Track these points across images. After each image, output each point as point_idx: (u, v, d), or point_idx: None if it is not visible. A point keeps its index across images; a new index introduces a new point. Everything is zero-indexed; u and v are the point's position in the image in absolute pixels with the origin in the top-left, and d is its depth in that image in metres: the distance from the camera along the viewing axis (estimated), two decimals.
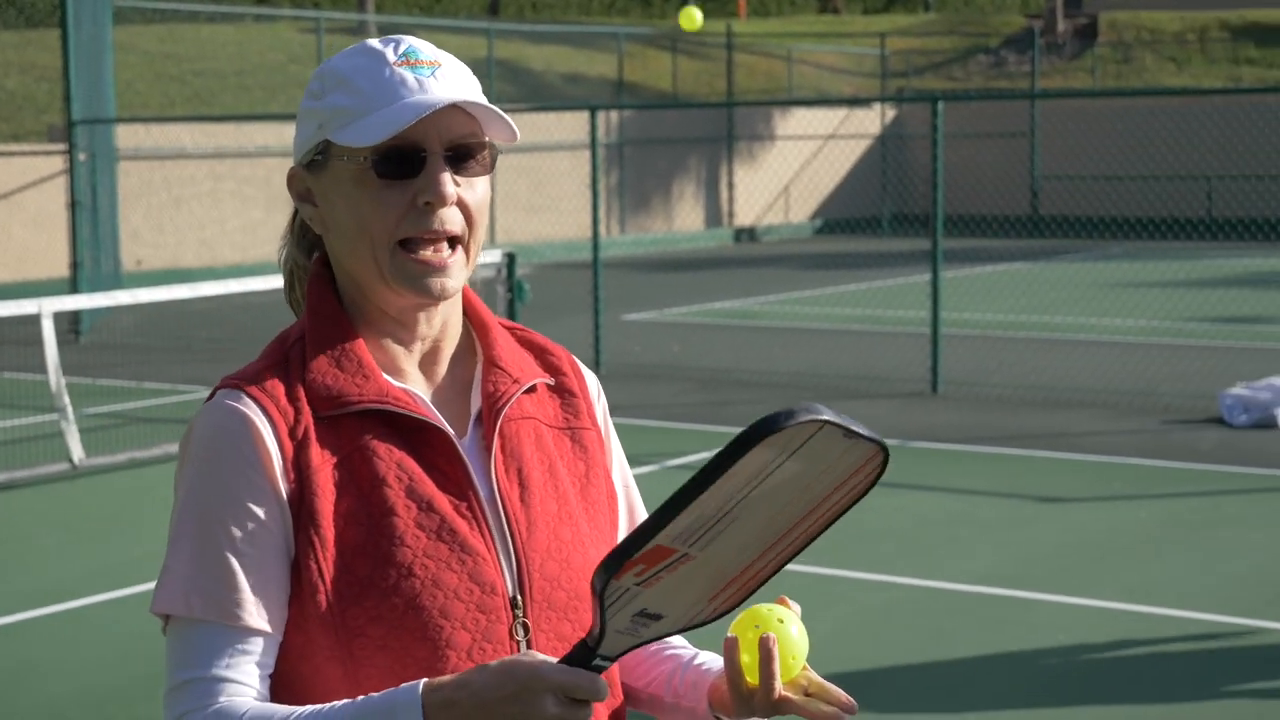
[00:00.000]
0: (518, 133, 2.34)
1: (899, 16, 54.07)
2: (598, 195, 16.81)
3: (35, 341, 11.66)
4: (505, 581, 2.26)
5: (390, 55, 2.28)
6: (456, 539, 2.22)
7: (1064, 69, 41.89)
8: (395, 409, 2.24)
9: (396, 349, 2.32)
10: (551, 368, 2.47)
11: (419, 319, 2.32)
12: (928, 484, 11.43)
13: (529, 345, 2.47)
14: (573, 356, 2.52)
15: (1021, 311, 21.21)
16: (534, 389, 2.41)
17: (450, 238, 2.26)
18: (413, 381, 2.32)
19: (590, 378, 2.52)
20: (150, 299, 13.33)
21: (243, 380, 2.24)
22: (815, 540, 2.05)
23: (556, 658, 2.18)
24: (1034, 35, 42.65)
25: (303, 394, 2.23)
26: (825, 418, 1.90)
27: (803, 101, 29.34)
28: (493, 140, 2.33)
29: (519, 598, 2.27)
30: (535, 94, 35.38)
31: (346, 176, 2.25)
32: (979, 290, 23.56)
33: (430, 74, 2.28)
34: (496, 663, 1.99)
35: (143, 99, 27.78)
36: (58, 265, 21.60)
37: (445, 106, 2.22)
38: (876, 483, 2.01)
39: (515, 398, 2.35)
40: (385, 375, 2.28)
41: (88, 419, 13.23)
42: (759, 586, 2.06)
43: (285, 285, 2.46)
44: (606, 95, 36.88)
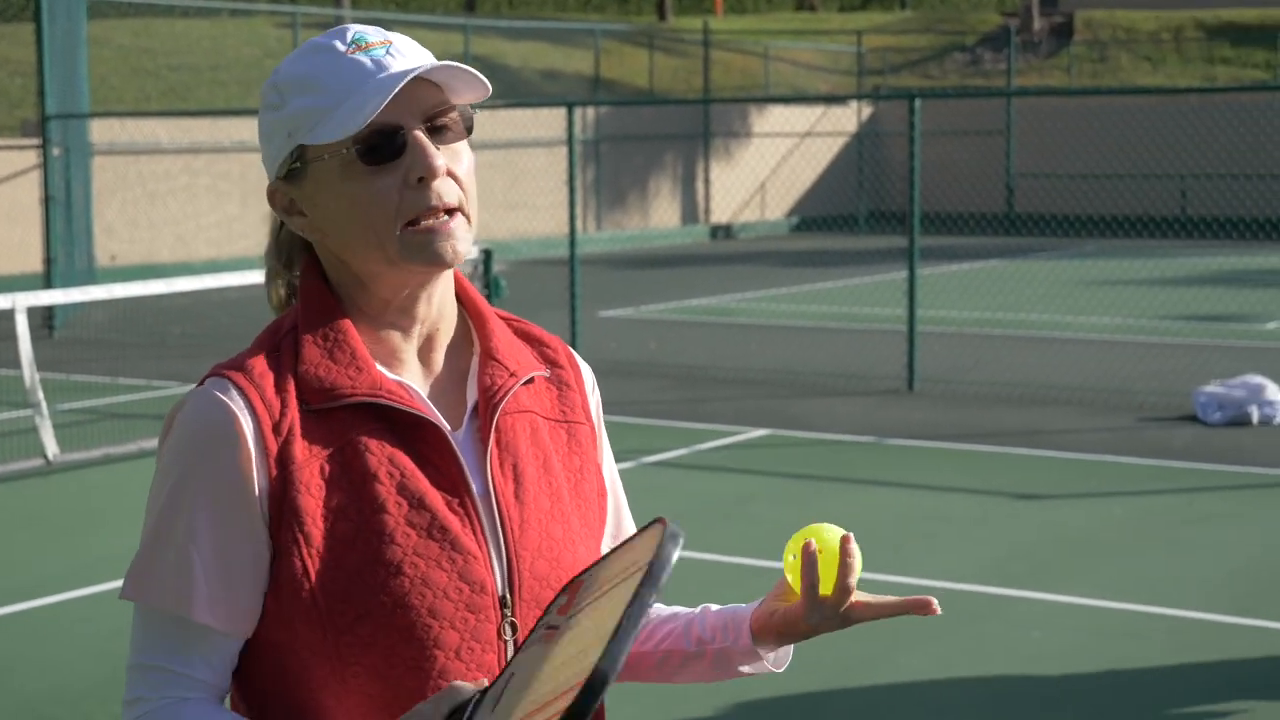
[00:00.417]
0: (489, 86, 2.33)
1: (875, 14, 54.16)
2: (574, 192, 16.83)
3: (9, 336, 11.65)
4: (495, 580, 2.25)
5: (340, 45, 2.25)
6: (447, 537, 2.21)
7: (1040, 67, 42.02)
8: (388, 403, 2.21)
9: (395, 338, 2.30)
10: (548, 359, 2.46)
11: (420, 300, 2.29)
12: (903, 481, 11.47)
13: (525, 336, 2.46)
14: (569, 348, 2.52)
15: (997, 309, 21.23)
16: (531, 381, 2.38)
17: (448, 209, 2.25)
18: (409, 373, 2.30)
19: (586, 370, 2.53)
20: (125, 294, 13.32)
21: (232, 370, 2.21)
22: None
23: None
24: (1010, 33, 42.78)
25: (293, 386, 2.21)
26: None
27: (779, 99, 29.39)
28: (463, 104, 2.32)
29: (508, 596, 2.26)
30: (512, 90, 35.37)
31: (332, 175, 2.22)
32: (955, 288, 23.63)
33: (385, 53, 2.26)
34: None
35: (117, 94, 27.76)
36: (31, 260, 21.60)
37: (412, 79, 2.19)
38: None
39: (513, 392, 2.33)
40: (380, 367, 2.25)
41: (62, 414, 13.22)
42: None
43: (270, 287, 2.42)
44: (583, 92, 36.91)
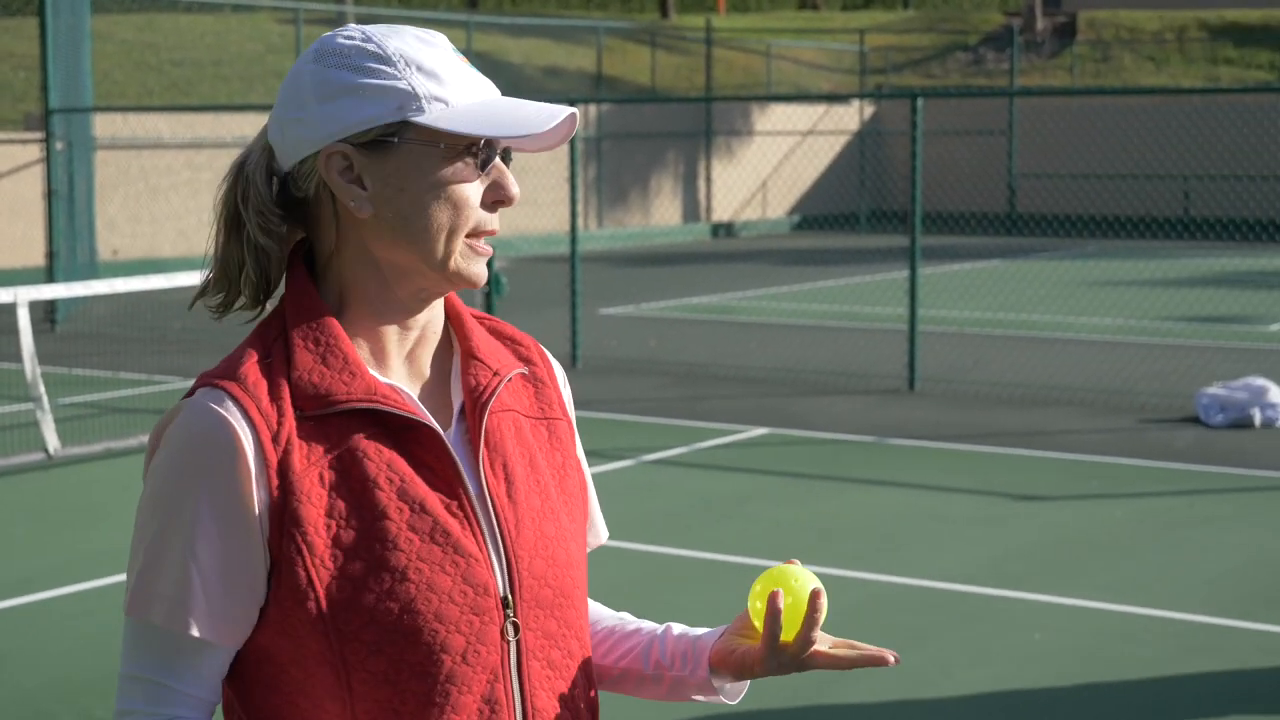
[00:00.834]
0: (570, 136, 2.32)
1: (878, 13, 54.14)
2: (575, 189, 16.86)
3: (10, 330, 11.66)
4: (497, 581, 2.24)
5: (448, 46, 2.26)
6: (450, 541, 2.20)
7: (1042, 67, 42.02)
8: (384, 408, 2.20)
9: (389, 337, 2.28)
10: (522, 357, 2.44)
11: (426, 303, 2.29)
12: (903, 481, 11.47)
13: (499, 335, 2.44)
14: (540, 345, 2.51)
15: (998, 309, 21.21)
16: (510, 379, 2.37)
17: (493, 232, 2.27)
18: (397, 375, 2.28)
19: (557, 366, 2.52)
20: (127, 289, 13.28)
21: (225, 379, 2.18)
22: None
23: (544, 654, 2.32)
24: (1013, 33, 42.75)
25: (287, 393, 2.18)
26: None
27: (781, 97, 29.41)
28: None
29: (510, 597, 2.25)
30: (514, 87, 35.25)
31: (433, 161, 2.19)
32: (956, 287, 23.60)
33: (479, 72, 2.30)
34: None
35: (120, 88, 27.77)
36: (34, 254, 21.58)
37: (554, 128, 2.23)
38: None
39: (498, 391, 2.32)
40: (371, 371, 2.23)
41: (63, 409, 13.25)
42: None
43: (246, 257, 2.27)
44: (585, 89, 36.91)
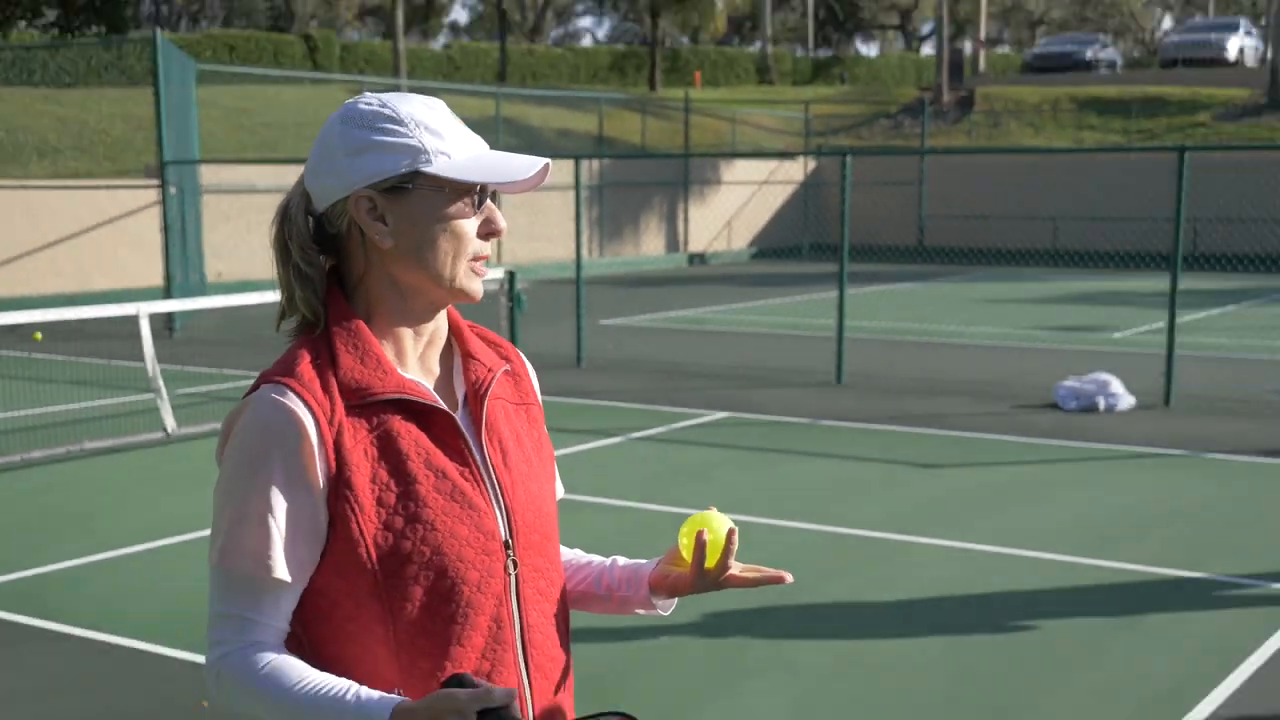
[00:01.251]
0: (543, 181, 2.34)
1: (820, 88, 54.07)
2: (580, 227, 16.84)
3: (136, 337, 11.65)
4: (500, 529, 2.30)
5: (446, 111, 2.28)
6: (465, 499, 2.26)
7: (947, 131, 42.01)
8: (412, 398, 2.24)
9: (406, 340, 2.31)
10: (503, 357, 2.47)
11: (435, 314, 2.33)
12: (832, 453, 11.53)
13: (486, 340, 2.47)
14: (514, 346, 2.54)
15: (908, 320, 21.26)
16: (500, 375, 2.43)
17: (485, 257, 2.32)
18: (414, 371, 2.33)
19: (528, 364, 2.56)
20: (228, 304, 13.39)
21: (286, 376, 2.21)
22: None
23: (534, 583, 2.41)
24: (924, 104, 42.76)
25: (335, 386, 2.20)
26: None
27: (743, 154, 29.44)
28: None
29: (510, 541, 2.31)
30: (533, 145, 35.33)
31: (439, 201, 2.22)
32: (875, 304, 23.69)
33: (472, 132, 2.31)
34: (433, 695, 2.03)
35: (221, 144, 27.74)
36: (154, 277, 21.51)
37: (530, 178, 2.27)
38: None
39: (492, 384, 2.38)
40: (399, 369, 2.29)
41: (178, 398, 13.24)
42: None
43: (296, 290, 2.29)
44: (589, 147, 36.87)
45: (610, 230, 32.99)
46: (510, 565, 2.30)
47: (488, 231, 2.27)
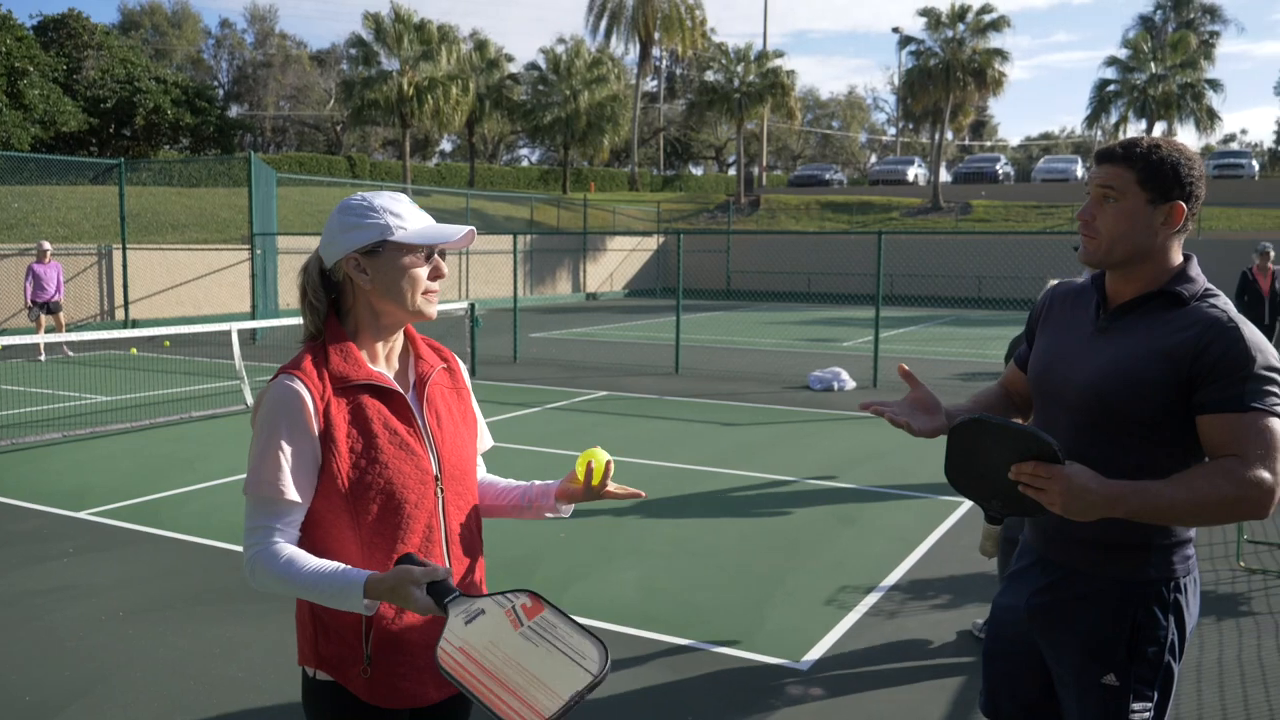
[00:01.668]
0: (471, 242, 2.31)
1: (668, 192, 54.19)
2: (517, 276, 16.65)
3: (230, 344, 11.31)
4: (433, 468, 2.24)
5: (408, 200, 2.26)
6: (409, 448, 2.22)
7: (743, 221, 42.16)
8: (376, 383, 2.21)
9: (378, 349, 2.27)
10: (443, 358, 2.42)
11: (397, 329, 2.29)
12: (671, 416, 11.38)
13: (433, 348, 2.41)
14: (450, 352, 2.47)
15: (720, 334, 21.19)
16: (439, 370, 2.37)
17: (436, 293, 2.27)
18: (382, 367, 2.28)
19: (461, 363, 2.48)
20: (293, 323, 12.97)
21: (295, 369, 2.19)
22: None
23: (455, 502, 2.31)
24: (730, 204, 42.94)
25: (327, 377, 2.19)
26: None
27: (619, 233, 29.34)
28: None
29: (439, 475, 2.25)
30: (490, 226, 35.01)
31: (398, 257, 2.20)
32: (700, 324, 23.57)
33: (426, 214, 2.28)
34: (394, 569, 2.03)
35: (290, 223, 27.19)
36: (244, 306, 21.14)
37: (465, 234, 2.25)
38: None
39: (432, 376, 2.33)
40: (369, 365, 2.24)
41: (256, 383, 12.83)
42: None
43: (306, 310, 2.28)
44: (524, 227, 36.59)
45: (536, 278, 32.72)
46: (439, 491, 2.26)
47: (434, 275, 2.26)
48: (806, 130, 79.47)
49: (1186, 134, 52.58)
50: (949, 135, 49.36)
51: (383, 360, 2.28)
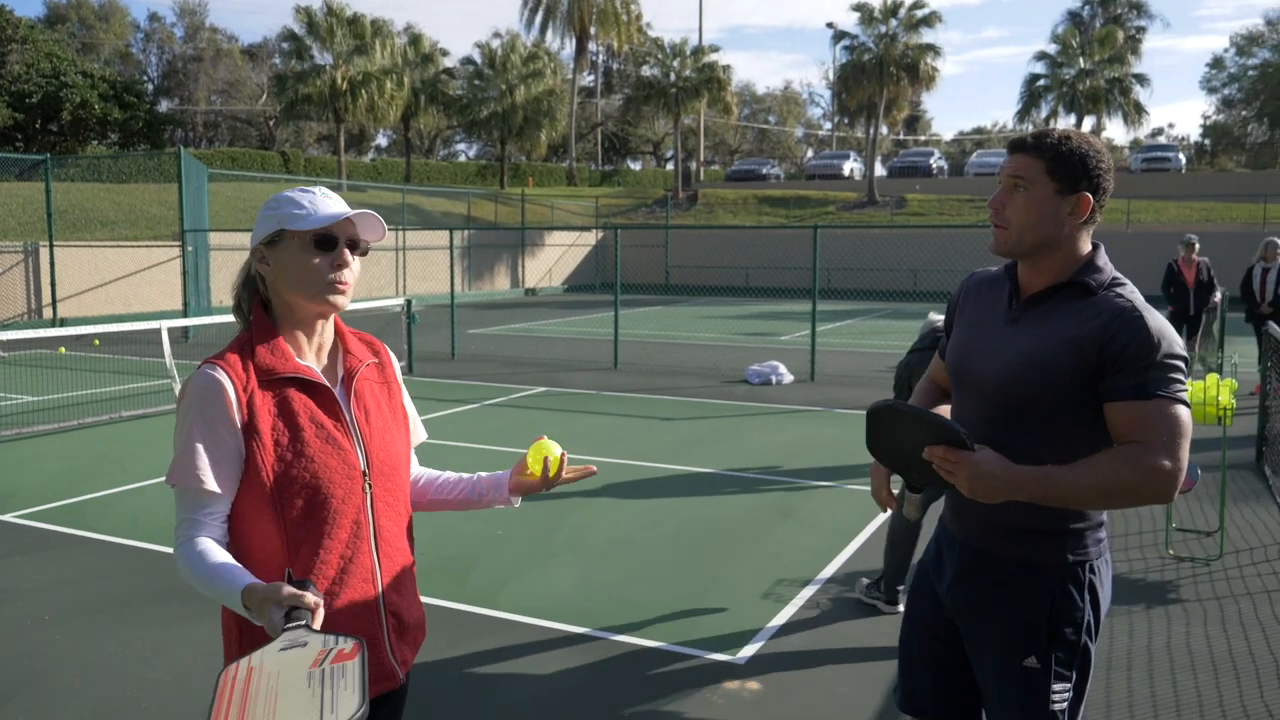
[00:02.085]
0: (385, 232, 2.28)
1: (606, 188, 54.06)
2: (454, 271, 16.53)
3: (160, 343, 11.09)
4: (360, 462, 2.21)
5: (316, 191, 2.23)
6: (336, 443, 2.19)
7: (681, 216, 42.23)
8: (303, 376, 2.19)
9: (303, 343, 2.25)
10: (374, 352, 2.38)
11: (317, 326, 2.26)
12: (610, 412, 11.36)
13: (364, 341, 2.38)
14: (384, 344, 2.44)
15: (658, 329, 21.21)
16: (368, 364, 2.34)
17: (346, 282, 2.20)
18: (310, 360, 2.25)
19: (393, 356, 2.44)
20: (225, 320, 12.71)
21: (219, 360, 2.17)
22: None
23: (384, 498, 2.31)
24: (668, 199, 43.00)
25: (252, 368, 2.16)
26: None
27: (558, 228, 29.24)
28: (367, 240, 2.26)
29: (367, 470, 2.23)
30: (427, 222, 34.71)
31: (297, 248, 2.18)
32: (638, 319, 23.58)
33: (333, 200, 2.23)
34: (271, 584, 1.99)
35: (222, 220, 26.71)
36: (176, 304, 20.73)
37: (344, 219, 2.20)
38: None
39: (360, 370, 2.30)
40: (296, 358, 2.21)
41: None
42: None
43: (234, 307, 2.31)
44: (461, 223, 36.31)
45: (474, 273, 32.50)
46: (367, 487, 2.23)
47: (336, 264, 2.19)
48: (743, 125, 79.84)
49: (1115, 128, 53.76)
50: (884, 130, 49.91)
51: (311, 354, 2.25)
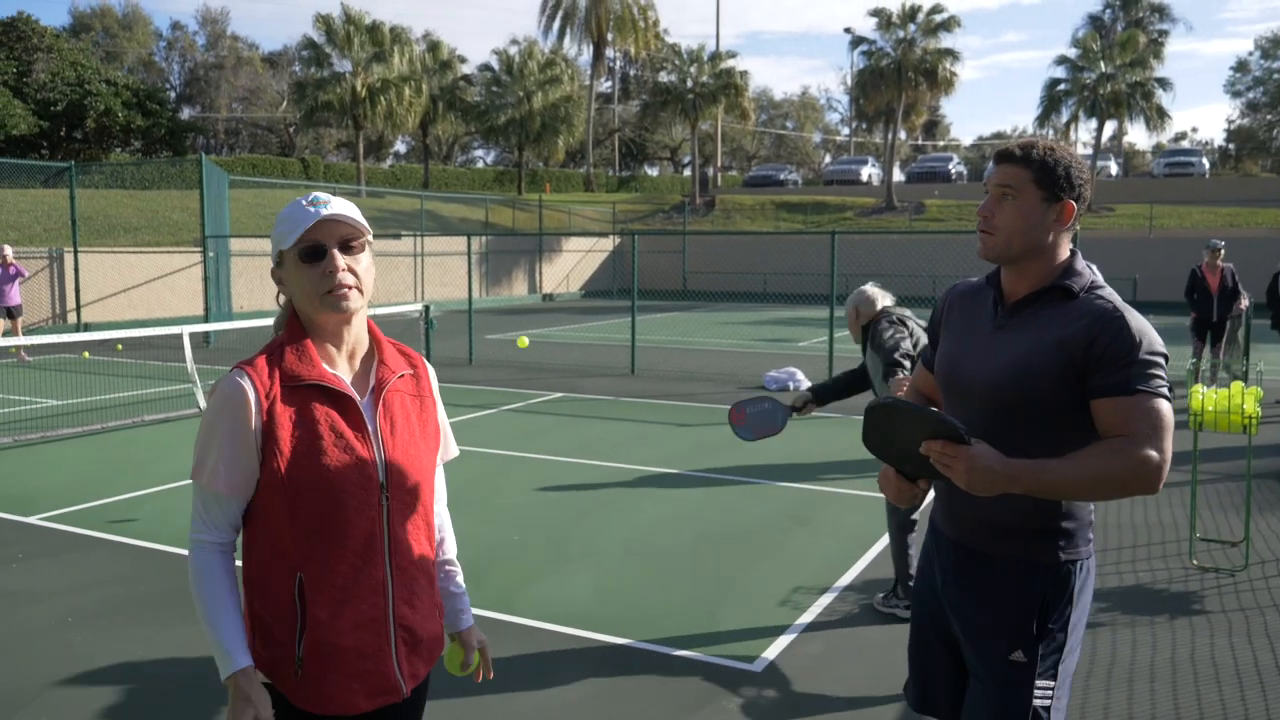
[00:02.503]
0: (368, 232, 2.27)
1: (623, 193, 54.13)
2: (471, 277, 16.56)
3: (182, 347, 11.15)
4: (379, 474, 2.21)
5: (304, 202, 2.21)
6: (355, 453, 2.19)
7: (698, 221, 42.25)
8: (327, 384, 2.19)
9: (333, 351, 2.25)
10: (410, 364, 2.38)
11: (342, 330, 2.25)
12: (626, 418, 11.36)
13: (401, 351, 2.38)
14: (421, 356, 2.45)
15: (676, 335, 21.21)
16: (402, 376, 2.33)
17: (347, 285, 2.19)
18: (340, 369, 2.26)
19: (430, 369, 2.45)
20: (246, 326, 12.79)
21: (247, 366, 2.19)
22: None
23: (401, 511, 2.30)
24: (685, 205, 43.01)
25: (278, 374, 2.18)
26: None
27: (575, 234, 29.28)
28: (364, 233, 2.25)
29: (385, 482, 2.22)
30: (445, 228, 34.82)
31: (292, 265, 2.20)
32: (655, 325, 23.59)
33: (324, 206, 2.21)
34: (257, 695, 2.12)
35: (243, 225, 26.87)
36: (197, 309, 20.84)
37: (324, 219, 2.19)
38: None
39: (392, 382, 2.30)
40: (325, 366, 2.22)
41: (208, 386, 12.60)
42: None
43: (276, 325, 2.34)
44: (479, 229, 36.43)
45: (491, 279, 32.58)
46: (384, 499, 2.22)
47: (328, 271, 2.19)
48: (761, 131, 79.79)
49: (1137, 132, 53.48)
50: (902, 135, 49.82)
51: (343, 362, 2.26)
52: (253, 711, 2.04)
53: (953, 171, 46.64)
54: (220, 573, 2.17)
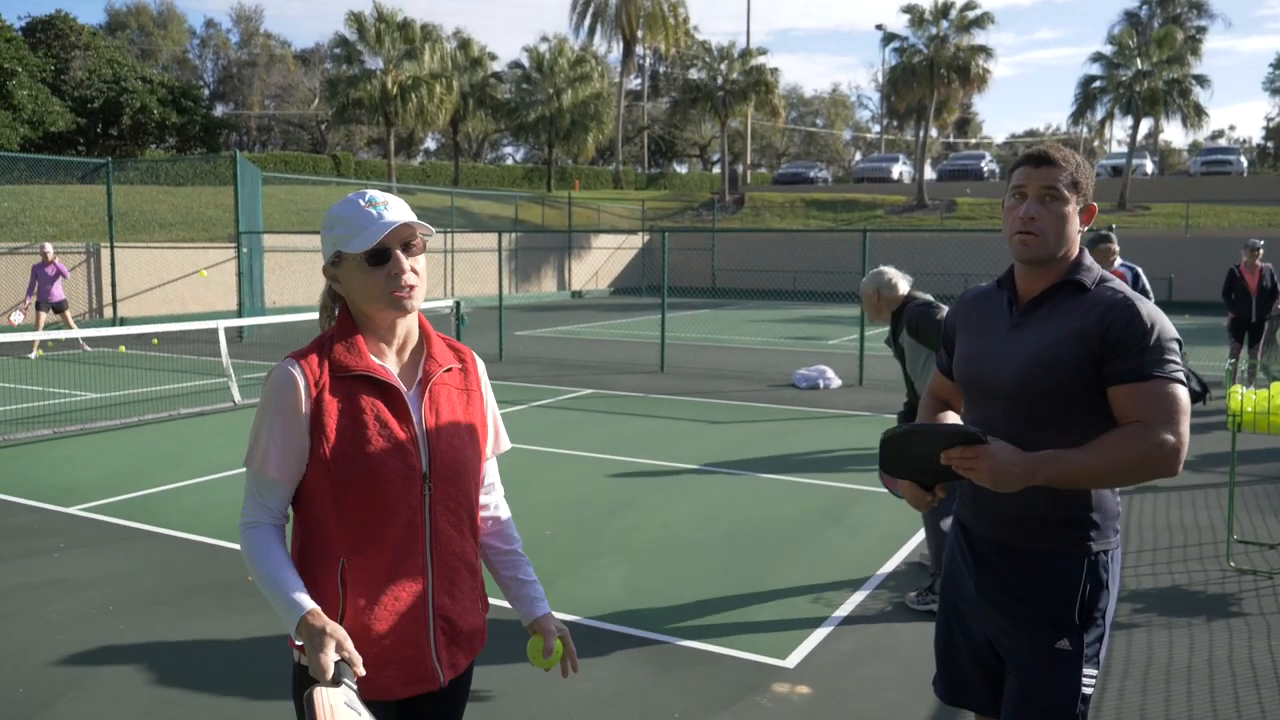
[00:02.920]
0: (432, 231, 2.33)
1: (652, 190, 54.15)
2: (502, 274, 16.65)
3: (217, 341, 11.28)
4: (421, 464, 2.26)
5: (361, 203, 2.26)
6: (398, 442, 2.23)
7: (728, 219, 42.20)
8: (374, 375, 2.24)
9: (383, 345, 2.31)
10: (458, 357, 2.42)
11: (396, 326, 2.30)
12: (657, 415, 11.39)
13: (450, 345, 2.43)
14: (471, 350, 2.49)
15: (705, 332, 21.21)
16: (450, 369, 2.38)
17: (410, 286, 2.24)
18: (388, 361, 2.31)
19: (479, 362, 2.49)
20: (279, 320, 12.91)
21: (298, 356, 2.25)
22: None
23: (443, 501, 2.34)
24: (715, 202, 42.96)
25: (328, 365, 2.24)
26: None
27: (604, 230, 29.36)
28: (424, 235, 2.31)
29: (428, 472, 2.27)
30: (475, 224, 34.94)
31: (354, 267, 2.25)
32: (685, 322, 23.58)
33: (384, 208, 2.26)
34: (331, 626, 2.08)
35: (276, 221, 27.10)
36: (231, 304, 21.07)
37: (396, 226, 2.24)
38: None
39: (438, 375, 2.34)
40: (373, 358, 2.27)
41: (243, 380, 12.81)
42: None
43: (320, 314, 2.40)
44: (509, 225, 36.55)
45: (521, 276, 32.68)
46: (426, 489, 2.26)
47: (394, 273, 2.24)
48: (791, 128, 79.57)
49: (1173, 130, 52.91)
50: (933, 132, 49.55)
51: (392, 354, 2.31)
52: (333, 642, 2.03)
53: (985, 169, 46.35)
54: (275, 542, 2.23)
